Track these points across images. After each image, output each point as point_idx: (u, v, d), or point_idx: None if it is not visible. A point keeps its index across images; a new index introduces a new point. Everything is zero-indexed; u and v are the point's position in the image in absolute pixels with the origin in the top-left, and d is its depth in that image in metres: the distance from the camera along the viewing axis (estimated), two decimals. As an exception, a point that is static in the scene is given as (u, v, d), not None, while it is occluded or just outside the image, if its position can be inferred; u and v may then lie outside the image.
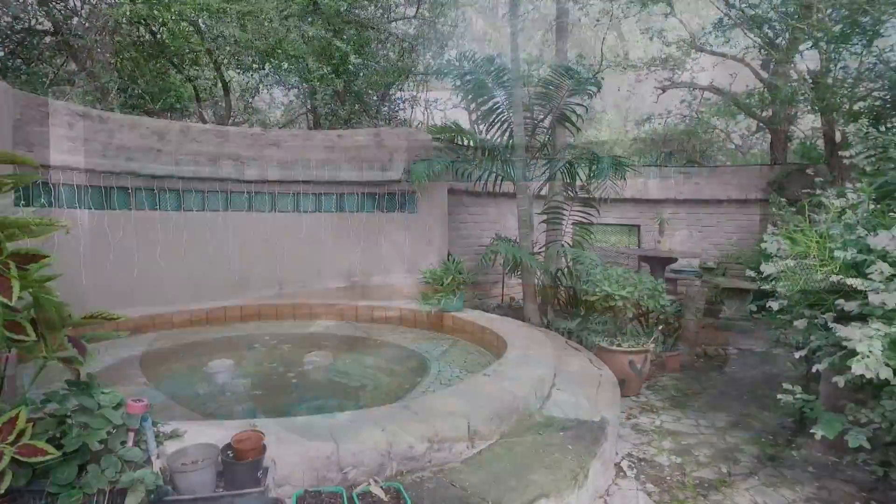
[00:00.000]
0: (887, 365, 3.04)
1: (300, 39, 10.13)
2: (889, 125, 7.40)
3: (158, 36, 9.92)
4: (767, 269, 3.82)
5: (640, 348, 5.35)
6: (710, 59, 18.61)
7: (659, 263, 9.13)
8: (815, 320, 3.74)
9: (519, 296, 8.71)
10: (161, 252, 6.83)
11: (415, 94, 19.14)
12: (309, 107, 12.84)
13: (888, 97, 8.16)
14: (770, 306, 3.83)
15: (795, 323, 3.86)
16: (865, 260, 3.34)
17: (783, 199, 10.42)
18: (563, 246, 7.58)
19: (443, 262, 6.92)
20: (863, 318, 3.34)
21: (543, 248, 7.84)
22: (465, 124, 16.52)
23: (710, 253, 11.81)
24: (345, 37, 11.95)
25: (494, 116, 8.14)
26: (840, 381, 3.51)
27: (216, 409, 4.36)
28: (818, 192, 5.90)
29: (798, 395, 3.59)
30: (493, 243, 7.54)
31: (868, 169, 4.60)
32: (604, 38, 15.76)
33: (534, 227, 7.71)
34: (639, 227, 12.13)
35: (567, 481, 3.02)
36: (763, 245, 3.99)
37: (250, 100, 11.65)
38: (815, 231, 3.85)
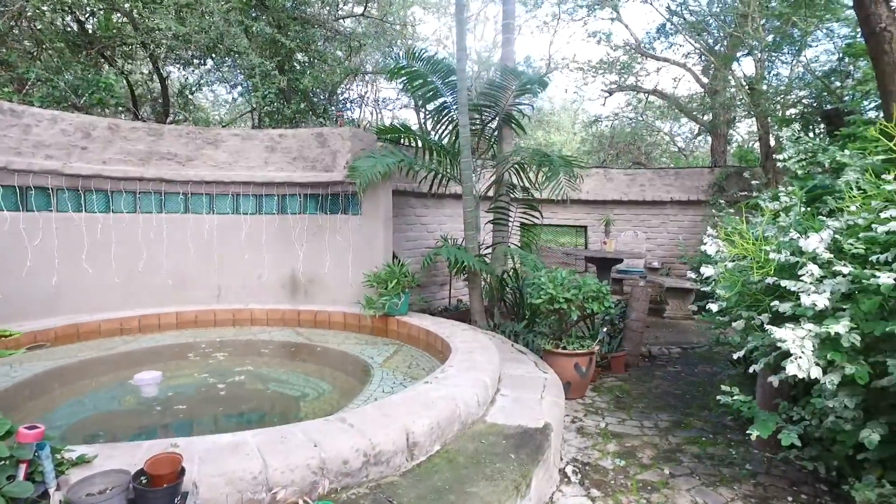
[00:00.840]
0: (817, 364, 3.08)
1: (243, 35, 9.78)
2: (817, 131, 7.69)
3: (86, 26, 9.37)
4: (707, 271, 3.85)
5: (584, 351, 5.34)
6: (654, 64, 19.07)
7: (605, 264, 9.23)
8: (753, 321, 3.78)
9: (466, 297, 8.64)
10: (87, 257, 6.41)
11: (364, 93, 18.90)
12: (253, 105, 12.43)
13: (815, 104, 8.50)
14: (710, 308, 3.86)
15: (734, 324, 3.90)
16: (798, 262, 3.38)
17: (722, 201, 10.76)
18: (508, 248, 7.54)
19: (387, 265, 6.76)
20: (796, 318, 3.38)
21: (490, 250, 7.78)
22: (415, 125, 16.41)
23: (654, 253, 12.06)
24: (290, 33, 11.63)
25: (442, 116, 8.05)
26: (775, 380, 3.55)
27: (137, 427, 4.08)
28: (755, 194, 6.06)
29: (736, 396, 3.61)
30: (437, 245, 7.44)
31: (800, 173, 4.72)
32: (551, 41, 15.87)
33: (480, 228, 7.64)
34: (586, 227, 12.28)
35: (509, 492, 2.93)
36: (703, 247, 4.01)
37: (190, 97, 11.12)
38: (752, 233, 3.89)
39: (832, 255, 3.24)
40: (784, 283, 3.32)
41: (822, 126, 7.70)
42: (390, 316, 6.66)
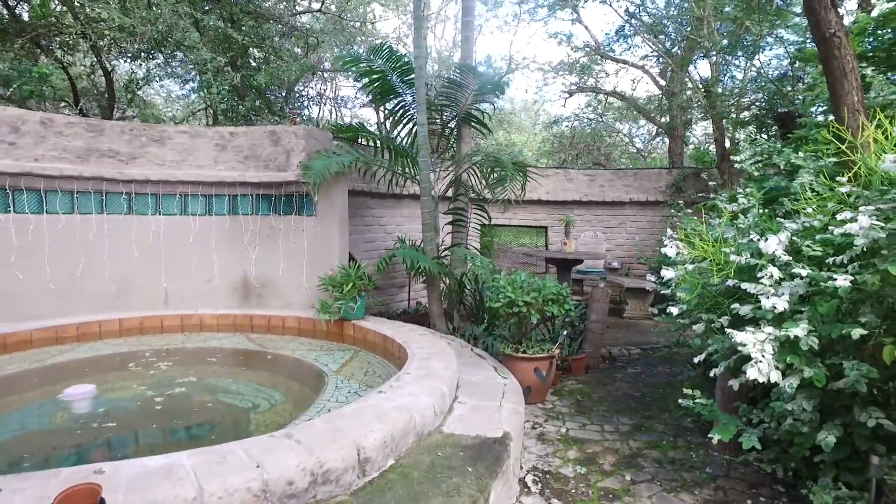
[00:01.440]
0: (777, 367, 3.04)
1: (193, 28, 9.39)
2: (770, 133, 7.82)
3: (17, 11, 8.82)
4: (668, 273, 3.79)
5: (545, 354, 5.24)
6: (613, 66, 19.29)
7: (565, 265, 9.20)
8: (713, 324, 3.73)
9: (426, 300, 8.48)
10: (17, 261, 5.99)
11: (322, 91, 18.53)
12: (206, 102, 11.99)
13: (767, 107, 8.66)
14: (670, 310, 3.80)
15: (694, 327, 3.85)
16: (758, 264, 3.34)
17: (680, 202, 10.89)
18: (467, 249, 7.42)
19: (343, 268, 6.54)
20: (756, 321, 3.34)
21: (449, 252, 7.63)
22: (375, 124, 16.16)
23: (614, 254, 12.14)
24: (244, 28, 11.26)
25: (400, 115, 7.87)
26: (735, 384, 3.50)
27: (62, 448, 3.77)
28: (712, 195, 6.09)
29: (697, 400, 3.56)
30: (395, 247, 7.26)
31: (756, 174, 4.73)
32: (511, 41, 15.81)
33: (439, 230, 7.49)
34: (546, 228, 12.27)
35: (465, 509, 2.78)
36: (663, 250, 3.95)
37: (137, 91, 10.63)
38: (711, 235, 3.85)
39: (790, 258, 3.20)
40: (744, 285, 3.27)
41: (774, 128, 7.84)
42: (346, 320, 6.45)
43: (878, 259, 3.02)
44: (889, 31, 6.12)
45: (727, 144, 10.62)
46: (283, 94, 15.13)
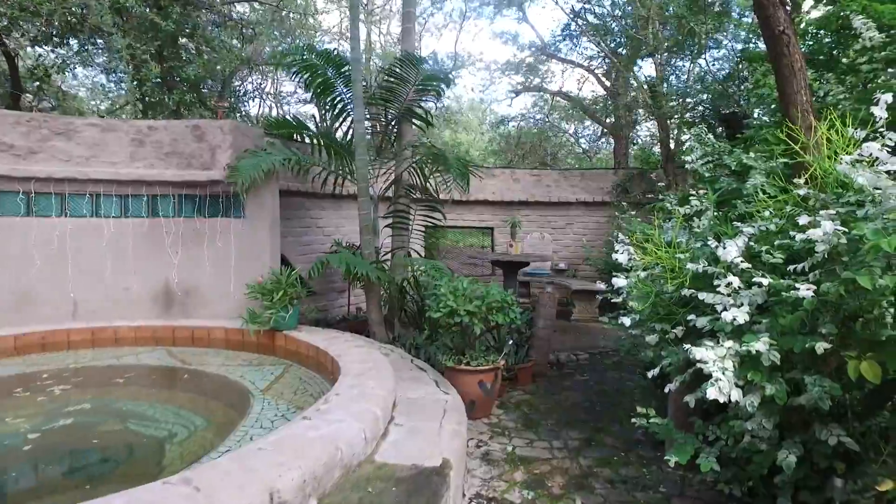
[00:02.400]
0: (738, 385, 2.79)
1: (108, 12, 8.61)
2: (716, 134, 7.78)
3: None
4: (619, 282, 3.51)
5: (489, 367, 4.91)
6: (559, 67, 19.33)
7: (511, 267, 8.95)
8: (667, 335, 3.48)
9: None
10: None
11: (261, 85, 17.75)
12: (137, 96, 11.13)
13: (711, 108, 8.64)
14: (622, 321, 3.53)
15: (647, 338, 3.59)
16: (714, 272, 3.09)
17: (625, 203, 10.83)
18: (408, 253, 7.03)
19: (273, 274, 6.04)
20: (713, 333, 3.10)
21: (390, 255, 7.22)
22: (312, 118, 15.54)
23: (560, 255, 12.01)
24: (172, 16, 10.49)
25: (338, 111, 7.41)
26: (691, 400, 3.26)
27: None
28: (660, 196, 5.91)
29: (652, 419, 3.29)
30: (330, 251, 6.81)
31: (706, 175, 4.55)
32: (457, 38, 15.48)
33: (378, 232, 7.08)
34: (492, 229, 12.02)
35: (395, 560, 2.39)
36: (614, 256, 3.68)
37: (46, 80, 9.72)
38: (664, 239, 3.60)
39: (749, 265, 2.97)
40: (702, 295, 3.02)
41: (720, 129, 7.82)
42: (277, 331, 5.96)
43: (838, 266, 2.81)
44: (827, 35, 6.11)
45: (672, 146, 10.64)
46: (219, 89, 14.35)
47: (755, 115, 5.94)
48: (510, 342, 5.22)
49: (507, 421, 5.08)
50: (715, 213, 3.72)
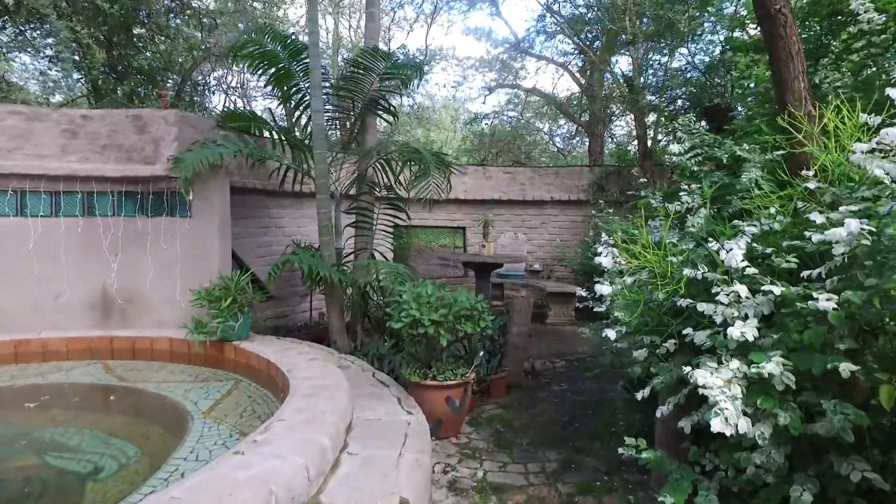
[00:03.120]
0: (745, 413, 2.37)
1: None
2: (701, 127, 7.43)
3: None
4: (603, 289, 3.06)
5: (458, 381, 4.43)
6: (534, 65, 18.99)
7: (483, 269, 8.49)
8: (657, 350, 3.04)
9: (331, 312, 7.50)
10: None
11: (223, 77, 17.01)
12: (87, 88, 10.39)
13: (694, 100, 8.30)
14: (606, 334, 3.09)
15: (635, 353, 3.15)
16: (715, 279, 2.66)
17: (602, 202, 10.47)
18: (372, 255, 6.53)
19: (222, 278, 5.48)
20: (713, 350, 2.67)
21: (353, 257, 6.71)
22: (270, 111, 14.87)
23: (535, 255, 11.60)
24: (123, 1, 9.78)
25: (298, 103, 6.86)
26: (686, 426, 2.83)
27: None
28: (642, 193, 5.51)
29: (643, 451, 2.84)
30: (289, 253, 6.28)
31: (695, 169, 4.15)
32: (427, 32, 14.96)
33: (341, 232, 6.57)
34: (464, 229, 11.56)
35: None
36: (597, 259, 3.23)
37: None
38: (651, 239, 3.16)
39: (756, 271, 2.54)
40: (701, 306, 2.59)
41: (702, 123, 7.48)
42: (227, 342, 5.41)
43: (859, 271, 2.41)
44: (816, 22, 5.79)
45: (649, 142, 10.31)
46: (178, 81, 13.63)
47: (741, 107, 5.59)
48: (481, 353, 4.76)
49: (478, 440, 4.61)
50: (711, 211, 3.31)
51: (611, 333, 3.04)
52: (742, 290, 2.42)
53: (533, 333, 8.11)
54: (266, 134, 7.22)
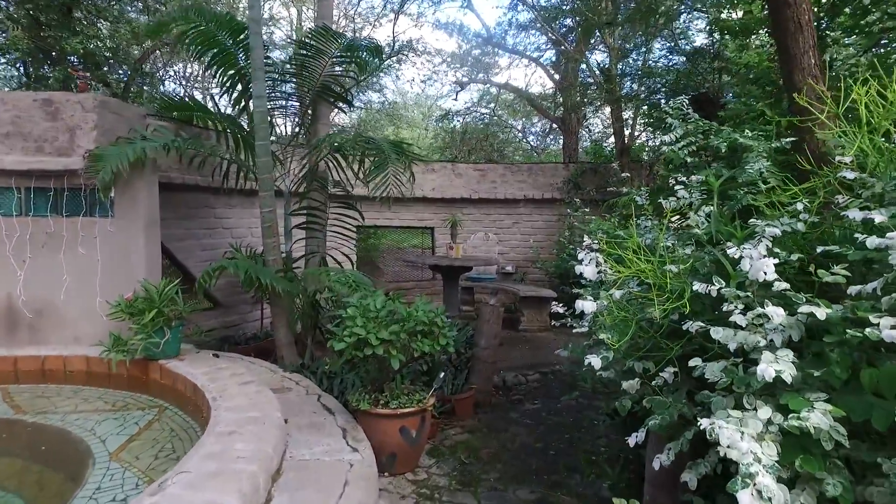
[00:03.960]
0: (780, 479, 1.77)
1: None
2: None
3: None
4: (585, 306, 2.44)
5: (414, 408, 3.78)
6: (506, 61, 18.51)
7: (452, 272, 7.87)
8: (653, 380, 2.44)
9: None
10: None
11: (172, 66, 16.10)
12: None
13: (675, 88, 7.74)
14: (590, 362, 2.48)
15: (625, 385, 2.54)
16: (732, 294, 2.06)
17: (578, 200, 9.93)
18: (323, 259, 5.83)
19: (145, 288, 4.74)
20: (729, 389, 2.07)
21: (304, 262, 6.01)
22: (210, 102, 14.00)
23: (507, 256, 11.01)
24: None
25: (240, 90, 6.14)
26: (692, 480, 2.23)
27: None
28: (624, 189, 4.94)
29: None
30: (230, 256, 5.57)
31: (689, 160, 3.58)
32: (395, 20, 14.28)
33: (291, 234, 5.88)
34: (433, 229, 10.90)
35: None
36: (578, 268, 2.61)
37: None
38: (640, 244, 2.56)
39: (787, 286, 1.95)
40: (716, 333, 1.99)
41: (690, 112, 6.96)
42: (152, 361, 4.67)
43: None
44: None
45: (626, 139, 9.80)
46: (129, 68, 12.72)
47: (732, 95, 5.08)
48: (442, 374, 4.11)
49: (439, 476, 3.96)
50: (716, 208, 2.71)
51: (595, 361, 2.42)
52: (777, 312, 1.82)
53: (504, 342, 7.51)
54: (213, 125, 6.50)
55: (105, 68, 11.66)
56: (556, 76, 15.40)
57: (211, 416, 3.42)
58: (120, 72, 12.61)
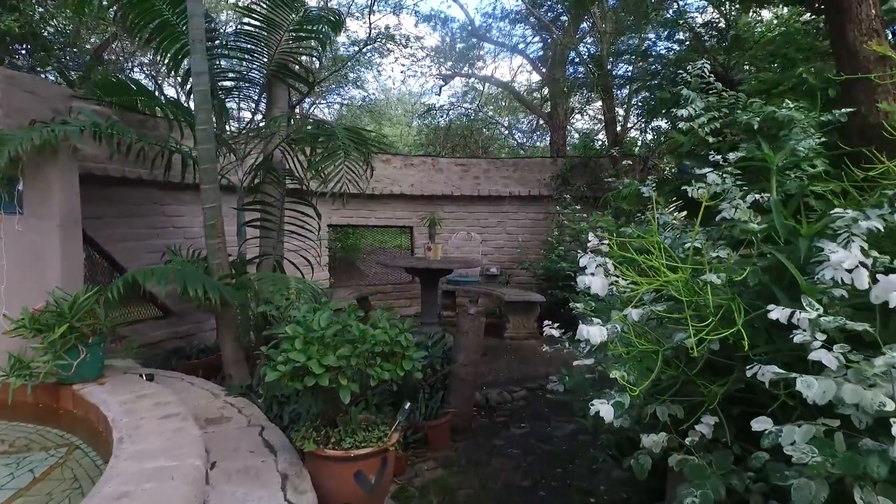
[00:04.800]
0: None
1: None
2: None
3: None
4: (592, 334, 1.73)
5: (372, 448, 3.04)
6: (492, 55, 17.91)
7: (430, 276, 7.15)
8: (687, 435, 1.74)
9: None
10: None
11: (141, 55, 15.22)
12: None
13: (678, 68, 6.99)
14: (596, 408, 1.77)
15: (646, 440, 1.84)
16: (817, 324, 1.37)
17: (568, 196, 9.26)
18: (276, 263, 5.08)
19: (55, 299, 3.96)
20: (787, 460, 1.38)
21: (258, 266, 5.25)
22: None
23: (492, 257, 10.31)
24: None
25: (186, 69, 5.37)
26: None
27: None
28: (626, 181, 4.26)
29: None
30: (168, 259, 4.82)
31: (711, 140, 2.89)
32: (371, 7, 13.50)
33: (244, 232, 5.12)
34: (411, 228, 10.16)
35: None
36: (582, 279, 1.90)
37: None
38: (661, 245, 1.86)
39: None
40: (810, 390, 1.29)
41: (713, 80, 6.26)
42: (65, 385, 3.90)
43: None
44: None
45: (619, 129, 9.13)
46: (83, 58, 11.84)
47: (769, 68, 4.41)
48: (408, 406, 3.37)
49: (405, 530, 3.24)
50: (775, 194, 2.02)
51: (606, 412, 1.72)
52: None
53: (488, 351, 6.82)
54: (161, 112, 5.72)
55: (58, 53, 10.80)
56: (543, 70, 14.76)
57: (107, 468, 2.67)
58: (80, 61, 11.76)
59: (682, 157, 3.45)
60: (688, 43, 6.83)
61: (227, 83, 5.44)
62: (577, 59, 10.37)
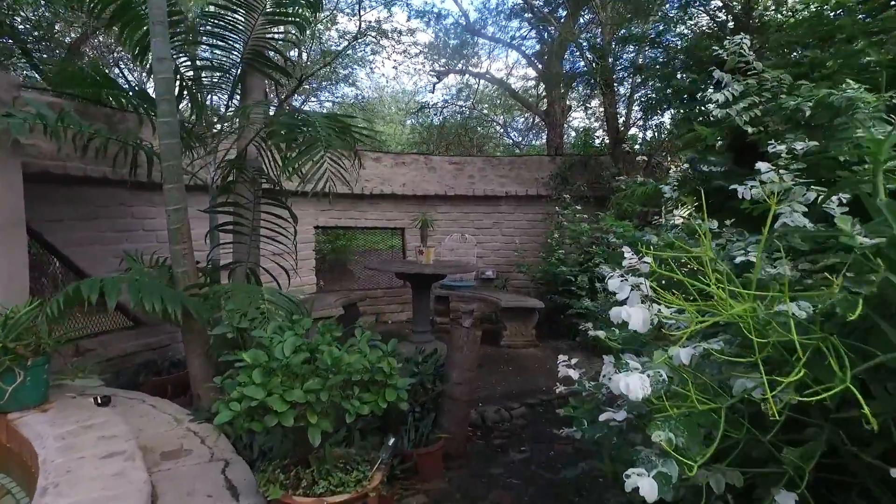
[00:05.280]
0: None
1: None
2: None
3: None
4: (630, 384, 1.26)
5: (351, 493, 2.57)
6: (487, 53, 17.50)
7: (422, 281, 6.68)
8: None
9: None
10: None
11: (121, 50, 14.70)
12: None
13: (689, 57, 6.52)
14: (635, 488, 1.33)
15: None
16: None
17: (567, 196, 8.82)
18: (250, 272, 4.59)
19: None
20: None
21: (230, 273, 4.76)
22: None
23: (487, 260, 9.84)
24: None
25: (146, 54, 4.88)
26: None
27: None
28: (639, 179, 3.81)
29: None
30: (127, 267, 4.33)
31: (750, 130, 2.44)
32: (361, 1, 13.00)
33: (217, 236, 4.64)
34: (403, 230, 9.67)
35: None
36: (617, 312, 1.43)
37: None
38: (722, 266, 1.40)
39: None
40: None
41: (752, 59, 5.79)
42: (1, 414, 3.43)
43: None
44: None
45: (620, 126, 8.68)
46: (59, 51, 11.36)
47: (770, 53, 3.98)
48: (392, 441, 2.91)
49: (389, 587, 2.77)
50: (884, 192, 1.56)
51: (648, 489, 1.26)
52: None
53: (483, 362, 6.34)
54: (128, 105, 5.25)
55: (30, 47, 10.33)
56: (540, 66, 14.33)
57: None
58: (55, 55, 11.29)
59: (706, 153, 3.00)
60: (702, 28, 6.38)
61: (195, 72, 4.95)
62: (577, 52, 9.90)
